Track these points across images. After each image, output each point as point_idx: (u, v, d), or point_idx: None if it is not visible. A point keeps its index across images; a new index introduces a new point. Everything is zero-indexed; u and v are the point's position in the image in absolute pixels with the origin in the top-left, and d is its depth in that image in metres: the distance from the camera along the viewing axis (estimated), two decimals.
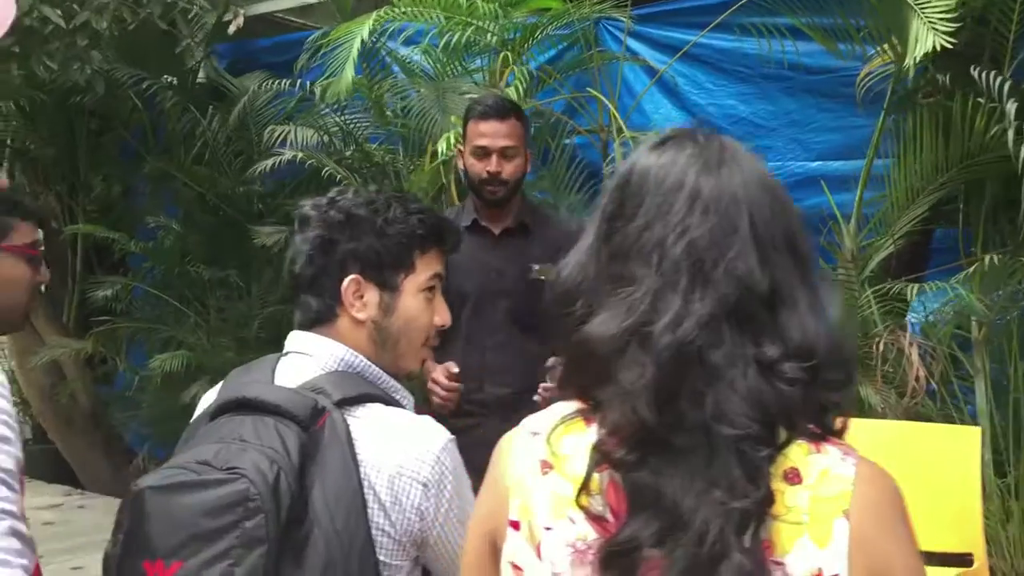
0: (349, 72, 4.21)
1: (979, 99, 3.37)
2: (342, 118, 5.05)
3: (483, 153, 3.02)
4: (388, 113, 4.98)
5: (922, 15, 3.36)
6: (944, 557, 3.36)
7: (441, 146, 3.99)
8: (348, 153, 5.06)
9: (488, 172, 3.02)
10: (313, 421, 1.42)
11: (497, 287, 3.09)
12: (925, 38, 3.32)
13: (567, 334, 1.06)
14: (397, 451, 1.46)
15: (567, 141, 4.73)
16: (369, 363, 1.57)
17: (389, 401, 1.54)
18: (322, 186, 3.82)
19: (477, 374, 3.02)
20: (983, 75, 3.35)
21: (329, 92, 4.39)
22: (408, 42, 5.00)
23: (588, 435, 1.04)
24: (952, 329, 3.54)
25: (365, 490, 1.42)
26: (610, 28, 4.84)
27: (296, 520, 1.35)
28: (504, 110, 3.04)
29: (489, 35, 4.48)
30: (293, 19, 6.14)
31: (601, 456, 1.00)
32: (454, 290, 3.04)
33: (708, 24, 4.47)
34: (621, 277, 1.03)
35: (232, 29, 5.20)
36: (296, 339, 1.60)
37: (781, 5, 3.99)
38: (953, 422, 3.64)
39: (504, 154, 3.01)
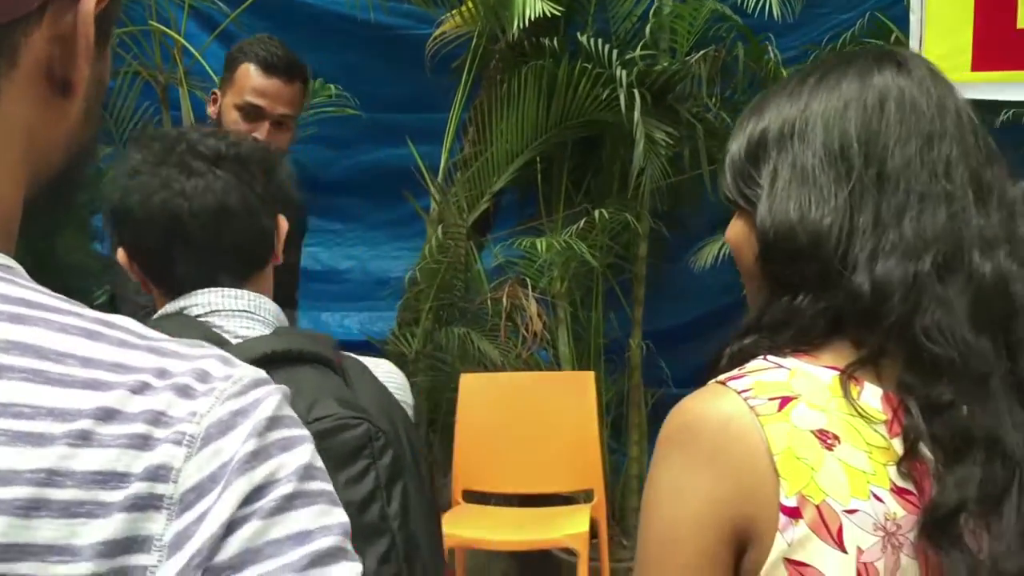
0: None
1: (586, 64, 3.56)
2: None
3: (255, 115, 2.41)
4: None
5: None
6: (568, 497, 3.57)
7: None
8: None
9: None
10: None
11: None
12: (534, 5, 3.45)
13: (820, 284, 0.92)
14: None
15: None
16: None
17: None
18: None
19: None
20: (590, 41, 3.56)
21: None
22: None
23: (868, 393, 0.91)
24: (561, 282, 3.73)
25: None
26: None
27: None
28: (293, 70, 2.45)
29: None
30: None
31: (911, 412, 0.89)
32: None
33: None
34: (890, 211, 0.92)
35: None
36: None
37: None
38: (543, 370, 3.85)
39: (279, 123, 2.44)
